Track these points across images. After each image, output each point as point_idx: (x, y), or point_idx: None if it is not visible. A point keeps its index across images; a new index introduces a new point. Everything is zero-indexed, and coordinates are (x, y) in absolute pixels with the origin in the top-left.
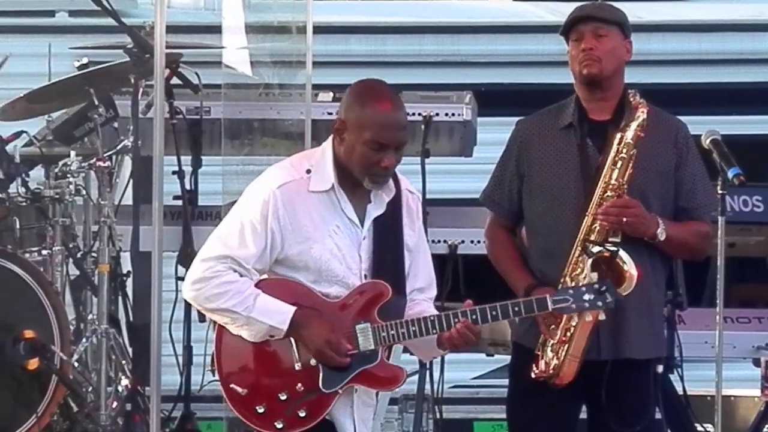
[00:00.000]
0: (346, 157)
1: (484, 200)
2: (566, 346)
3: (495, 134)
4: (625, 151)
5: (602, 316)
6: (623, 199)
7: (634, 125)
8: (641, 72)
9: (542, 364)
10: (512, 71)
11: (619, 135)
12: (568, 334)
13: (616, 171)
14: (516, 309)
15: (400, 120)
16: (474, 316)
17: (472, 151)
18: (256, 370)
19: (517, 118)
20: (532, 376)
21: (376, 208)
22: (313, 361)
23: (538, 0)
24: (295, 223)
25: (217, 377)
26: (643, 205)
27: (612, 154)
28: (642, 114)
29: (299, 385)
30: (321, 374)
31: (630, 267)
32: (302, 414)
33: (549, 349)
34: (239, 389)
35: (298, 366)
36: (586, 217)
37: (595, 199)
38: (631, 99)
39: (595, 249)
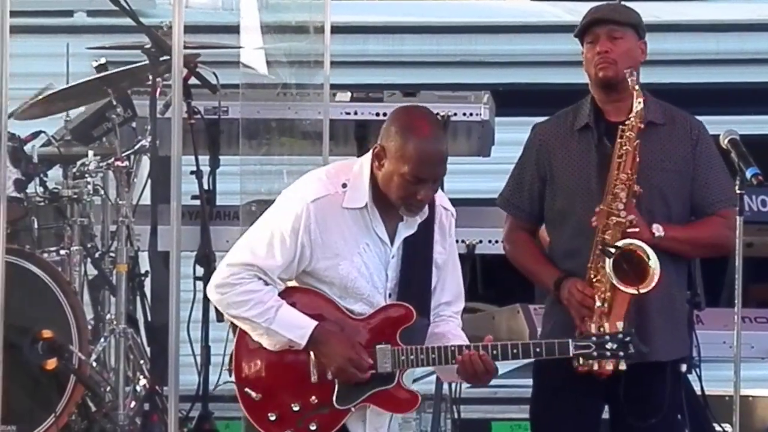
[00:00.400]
0: (383, 183)
1: (504, 204)
2: None
3: (513, 134)
4: (627, 143)
5: (623, 366)
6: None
7: (632, 116)
8: (659, 72)
9: (581, 359)
10: (530, 71)
11: (620, 128)
12: (602, 329)
13: (623, 164)
14: (537, 350)
15: (440, 154)
16: (495, 352)
17: (490, 150)
18: (273, 377)
19: (535, 118)
20: (578, 368)
21: (407, 228)
22: (329, 376)
23: (555, 0)
24: (326, 238)
25: (233, 378)
26: (662, 205)
27: (616, 148)
28: (639, 105)
29: (313, 397)
30: (336, 390)
31: (654, 262)
32: (313, 427)
33: None
34: (253, 394)
35: (314, 378)
36: (600, 212)
37: (606, 194)
38: (629, 81)
39: (613, 248)
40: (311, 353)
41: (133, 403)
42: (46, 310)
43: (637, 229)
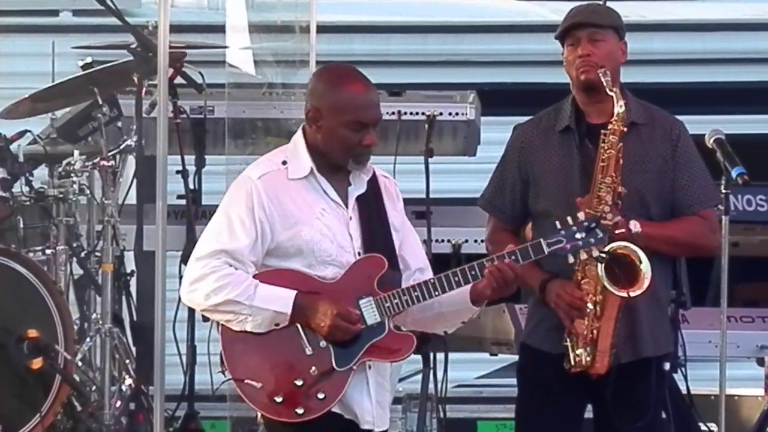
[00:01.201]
0: (325, 142)
1: (485, 205)
2: (594, 343)
3: (499, 134)
4: (611, 147)
5: (595, 252)
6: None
7: (614, 120)
8: (645, 71)
9: (573, 358)
10: (516, 71)
11: (602, 132)
12: (594, 332)
13: (606, 168)
14: (513, 257)
15: (375, 98)
16: (473, 272)
17: (475, 150)
18: (268, 361)
19: (520, 118)
20: (568, 369)
21: (357, 189)
22: (322, 343)
23: (540, 0)
24: (281, 210)
25: (229, 377)
26: (641, 206)
27: (600, 152)
28: (620, 108)
29: (313, 368)
30: (332, 354)
31: (645, 265)
32: (321, 396)
33: (577, 345)
34: (255, 384)
35: (308, 350)
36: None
37: (592, 198)
38: (605, 86)
39: (603, 253)
40: (299, 327)
41: (118, 403)
42: (32, 310)
43: (623, 230)
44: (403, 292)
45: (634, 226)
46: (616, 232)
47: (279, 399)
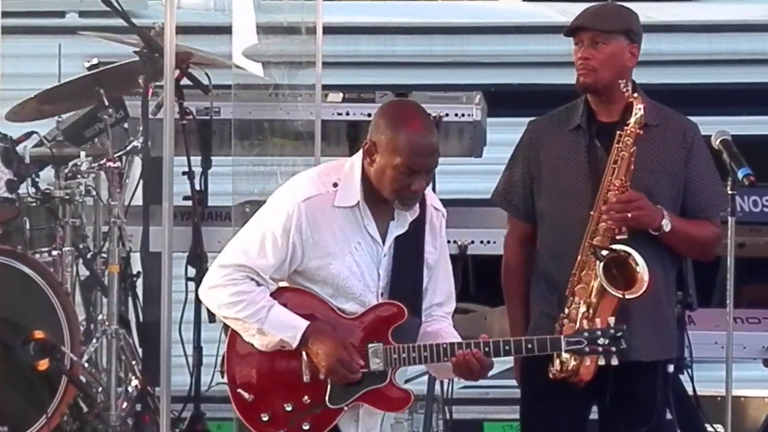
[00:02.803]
0: (376, 178)
1: (498, 200)
2: None
3: (505, 135)
4: (624, 149)
5: (614, 362)
6: (626, 194)
7: (632, 122)
8: (651, 72)
9: (558, 364)
10: (522, 72)
11: (618, 134)
12: (592, 325)
13: (617, 170)
14: (529, 346)
15: (432, 145)
16: (486, 349)
17: (481, 151)
18: (265, 377)
19: (527, 119)
20: (551, 376)
21: (398, 227)
22: (321, 376)
23: (547, 1)
24: (317, 237)
25: (225, 379)
26: None
27: (612, 153)
28: (639, 111)
29: (306, 397)
30: (328, 389)
31: (643, 270)
32: (306, 427)
33: (554, 354)
34: (246, 394)
35: (306, 378)
36: (591, 217)
37: (598, 200)
38: (624, 93)
39: (605, 252)
40: (303, 353)
41: (125, 404)
42: (38, 311)
43: (625, 236)
44: (414, 349)
45: (666, 225)
46: (618, 236)
47: (265, 417)
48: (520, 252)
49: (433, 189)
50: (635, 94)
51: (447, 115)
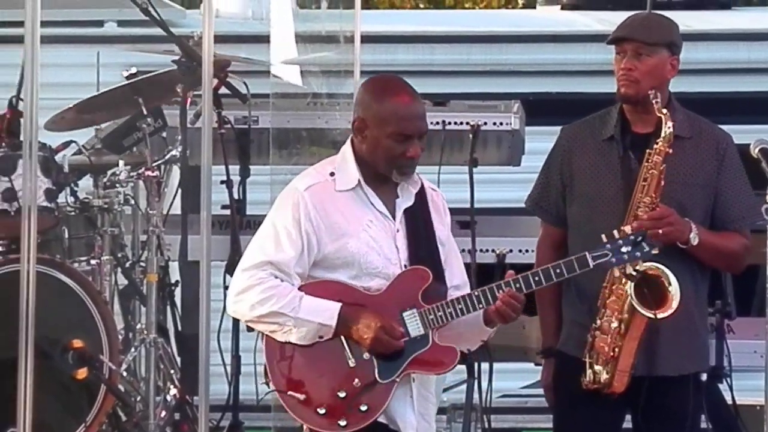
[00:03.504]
0: (370, 153)
1: (532, 207)
2: (615, 361)
3: (543, 143)
4: (653, 168)
5: (642, 266)
6: (658, 211)
7: (660, 141)
8: (689, 81)
9: (590, 374)
10: (560, 80)
11: (647, 152)
12: (616, 350)
13: (647, 188)
14: (558, 271)
15: (420, 109)
16: (517, 285)
17: (520, 160)
18: (311, 373)
19: None
20: (584, 386)
21: (405, 201)
22: (366, 355)
23: (586, 9)
24: (328, 221)
25: (273, 388)
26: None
27: (642, 171)
28: (668, 129)
29: (356, 380)
30: (376, 366)
31: (675, 289)
32: (363, 408)
33: (597, 362)
34: (298, 395)
35: (351, 362)
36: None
37: (628, 216)
38: (655, 107)
39: (635, 271)
40: (342, 338)
41: (163, 413)
42: (77, 320)
43: (656, 251)
44: (447, 305)
45: (694, 238)
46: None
47: (322, 411)
48: (553, 257)
49: (472, 198)
50: (664, 110)
51: (485, 123)
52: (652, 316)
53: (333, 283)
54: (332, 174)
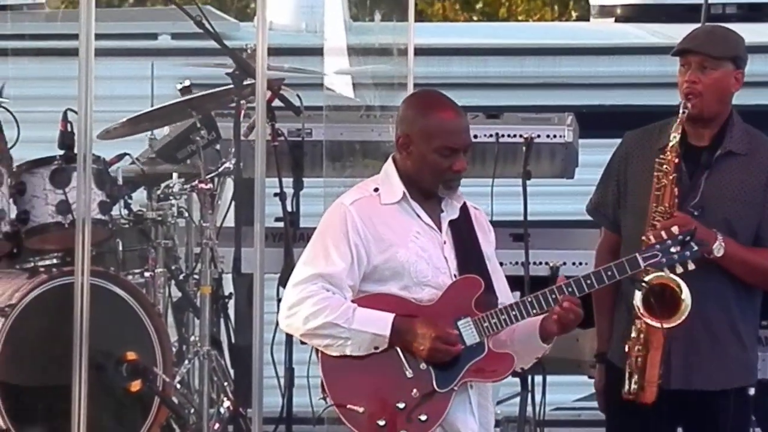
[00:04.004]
0: (415, 169)
1: (591, 211)
2: (642, 371)
3: (596, 156)
4: (664, 177)
5: (691, 266)
6: (671, 219)
7: (668, 150)
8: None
9: (627, 385)
10: (614, 93)
11: (656, 161)
12: (639, 360)
13: (661, 197)
14: (609, 273)
15: (465, 123)
16: (570, 289)
17: (573, 172)
18: (369, 385)
19: (618, 140)
20: (625, 395)
21: (450, 214)
22: (423, 365)
23: (639, 21)
24: (375, 233)
25: (331, 402)
26: (729, 236)
27: (654, 182)
28: (674, 139)
29: (414, 391)
30: (433, 376)
31: (686, 295)
32: (423, 418)
33: (633, 372)
34: (357, 408)
35: (409, 373)
36: (642, 244)
37: (647, 226)
38: (679, 115)
39: (644, 281)
40: (398, 349)
41: (217, 425)
42: (131, 332)
43: (708, 250)
44: (501, 312)
45: (718, 250)
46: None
47: (382, 423)
48: (611, 261)
49: (525, 210)
50: (681, 119)
51: (539, 136)
52: (659, 325)
53: (385, 296)
54: (376, 190)
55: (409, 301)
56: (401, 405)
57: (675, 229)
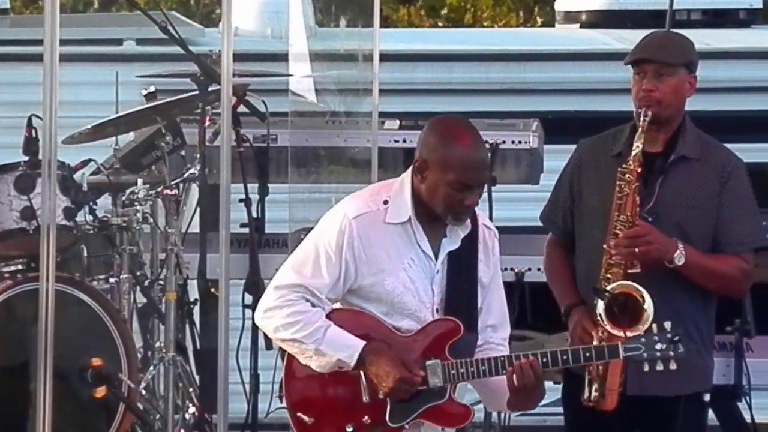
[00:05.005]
0: (427, 195)
1: (543, 219)
2: (603, 379)
3: (562, 162)
4: (626, 186)
5: (673, 366)
6: (633, 229)
7: (630, 159)
8: (708, 100)
9: (587, 392)
10: (579, 98)
11: (618, 171)
12: (600, 368)
13: (622, 206)
14: (587, 355)
15: (484, 159)
16: (544, 359)
17: (538, 178)
18: (324, 399)
19: None
20: (584, 402)
21: (450, 243)
22: (381, 395)
23: (605, 27)
24: (370, 254)
25: (284, 404)
26: (682, 241)
27: (615, 191)
28: (637, 148)
29: (366, 417)
30: (388, 408)
31: (648, 305)
32: None
33: (593, 380)
34: (306, 418)
35: (365, 398)
36: (604, 253)
37: (608, 236)
38: (640, 123)
39: (606, 290)
40: (361, 373)
41: (182, 431)
42: (96, 338)
43: (638, 270)
44: (472, 364)
45: (679, 259)
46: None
47: None
48: (560, 249)
49: (490, 216)
50: (642, 128)
51: (504, 142)
52: (621, 334)
53: (364, 316)
54: (386, 202)
55: (387, 326)
56: (350, 428)
57: (668, 325)
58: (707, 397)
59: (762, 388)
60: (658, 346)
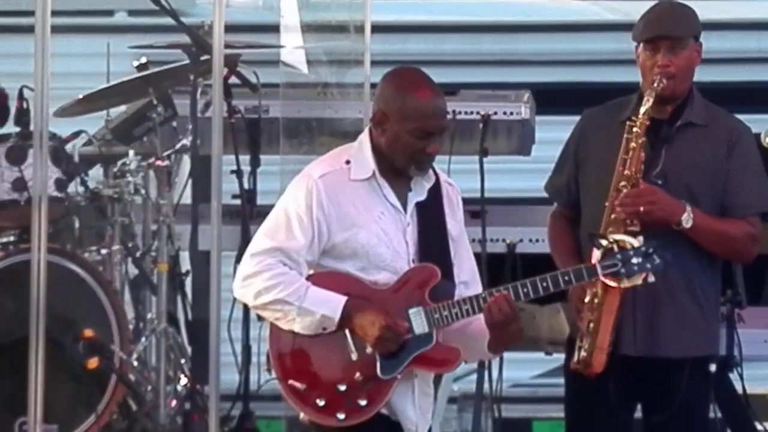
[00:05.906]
0: (388, 147)
1: (547, 189)
2: (593, 337)
3: (553, 133)
4: (633, 140)
5: (651, 278)
6: (638, 188)
7: (640, 113)
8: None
9: (576, 355)
10: (571, 70)
11: (627, 125)
12: (591, 325)
13: (628, 161)
14: (566, 278)
15: (443, 107)
16: (525, 290)
17: (530, 149)
18: (313, 364)
19: (575, 117)
20: (573, 366)
21: (416, 195)
22: (369, 350)
23: None
24: (340, 210)
25: (274, 376)
26: (691, 204)
27: (623, 145)
28: (648, 103)
29: (357, 374)
30: (378, 361)
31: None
32: (363, 403)
33: (580, 341)
34: (298, 384)
35: (354, 356)
36: (606, 209)
37: (611, 191)
38: (655, 84)
39: (603, 240)
40: (347, 332)
41: (174, 402)
42: (88, 310)
43: (636, 228)
44: (453, 305)
45: (687, 221)
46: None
47: (321, 402)
48: (563, 219)
49: (482, 187)
50: (655, 89)
51: (495, 113)
52: (616, 284)
53: (341, 275)
54: (348, 162)
55: (364, 282)
56: (342, 387)
57: (641, 239)
58: (713, 368)
59: (753, 359)
60: (635, 260)
